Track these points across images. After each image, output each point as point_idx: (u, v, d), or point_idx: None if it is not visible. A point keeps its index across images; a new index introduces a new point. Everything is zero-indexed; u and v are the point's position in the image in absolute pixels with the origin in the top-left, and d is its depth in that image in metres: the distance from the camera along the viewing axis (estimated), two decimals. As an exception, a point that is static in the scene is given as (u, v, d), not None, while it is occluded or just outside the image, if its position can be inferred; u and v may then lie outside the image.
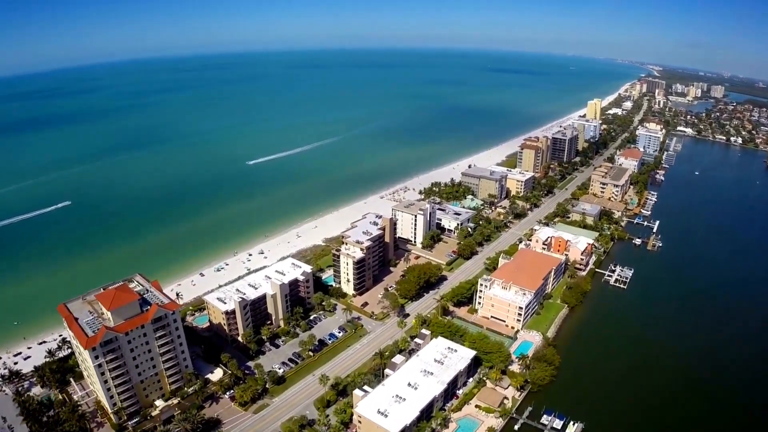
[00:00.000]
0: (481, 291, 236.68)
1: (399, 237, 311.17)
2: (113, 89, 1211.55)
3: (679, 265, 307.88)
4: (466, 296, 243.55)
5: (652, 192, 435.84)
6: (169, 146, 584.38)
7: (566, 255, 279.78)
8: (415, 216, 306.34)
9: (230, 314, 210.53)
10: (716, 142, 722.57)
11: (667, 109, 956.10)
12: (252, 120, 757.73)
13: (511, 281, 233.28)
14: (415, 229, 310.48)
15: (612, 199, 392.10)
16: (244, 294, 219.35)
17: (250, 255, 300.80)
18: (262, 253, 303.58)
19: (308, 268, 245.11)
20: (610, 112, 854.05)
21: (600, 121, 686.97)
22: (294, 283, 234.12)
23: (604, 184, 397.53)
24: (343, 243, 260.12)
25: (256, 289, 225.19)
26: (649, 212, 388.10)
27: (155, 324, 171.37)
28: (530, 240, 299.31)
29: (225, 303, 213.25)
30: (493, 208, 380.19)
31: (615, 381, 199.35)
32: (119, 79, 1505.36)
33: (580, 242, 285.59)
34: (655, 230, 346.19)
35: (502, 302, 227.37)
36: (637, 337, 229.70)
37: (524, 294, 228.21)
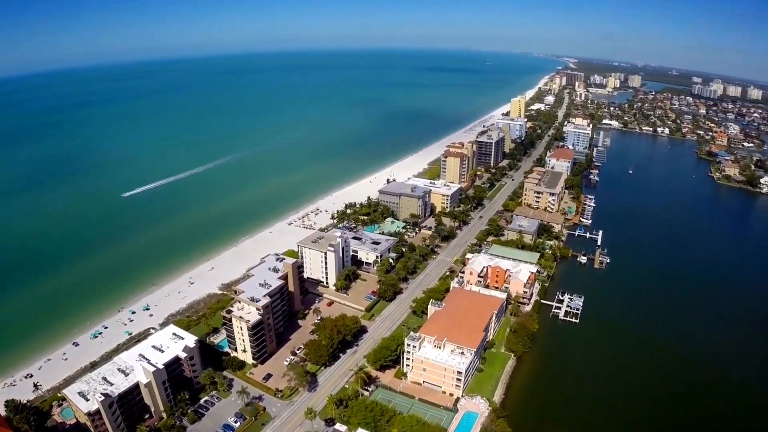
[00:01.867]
0: (409, 352, 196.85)
1: (308, 278, 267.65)
2: (24, 105, 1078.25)
3: (631, 283, 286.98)
4: (391, 358, 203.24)
5: (589, 196, 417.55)
6: (64, 175, 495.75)
7: (507, 288, 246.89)
8: (325, 253, 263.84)
9: (95, 414, 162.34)
10: (643, 134, 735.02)
11: (589, 101, 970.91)
12: (148, 138, 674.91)
13: (445, 337, 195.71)
14: (326, 268, 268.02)
15: (549, 209, 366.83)
16: (112, 384, 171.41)
17: (133, 313, 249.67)
18: (148, 309, 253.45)
19: (192, 340, 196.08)
20: (533, 107, 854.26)
21: (525, 119, 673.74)
22: (175, 362, 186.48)
23: (538, 193, 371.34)
24: (235, 301, 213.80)
25: (127, 375, 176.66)
26: (590, 220, 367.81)
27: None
28: (463, 273, 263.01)
29: (87, 399, 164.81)
30: (417, 230, 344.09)
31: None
32: (33, 93, 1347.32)
33: (521, 271, 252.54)
34: (599, 243, 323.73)
35: (436, 366, 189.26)
36: (602, 386, 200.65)
37: (462, 353, 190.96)
